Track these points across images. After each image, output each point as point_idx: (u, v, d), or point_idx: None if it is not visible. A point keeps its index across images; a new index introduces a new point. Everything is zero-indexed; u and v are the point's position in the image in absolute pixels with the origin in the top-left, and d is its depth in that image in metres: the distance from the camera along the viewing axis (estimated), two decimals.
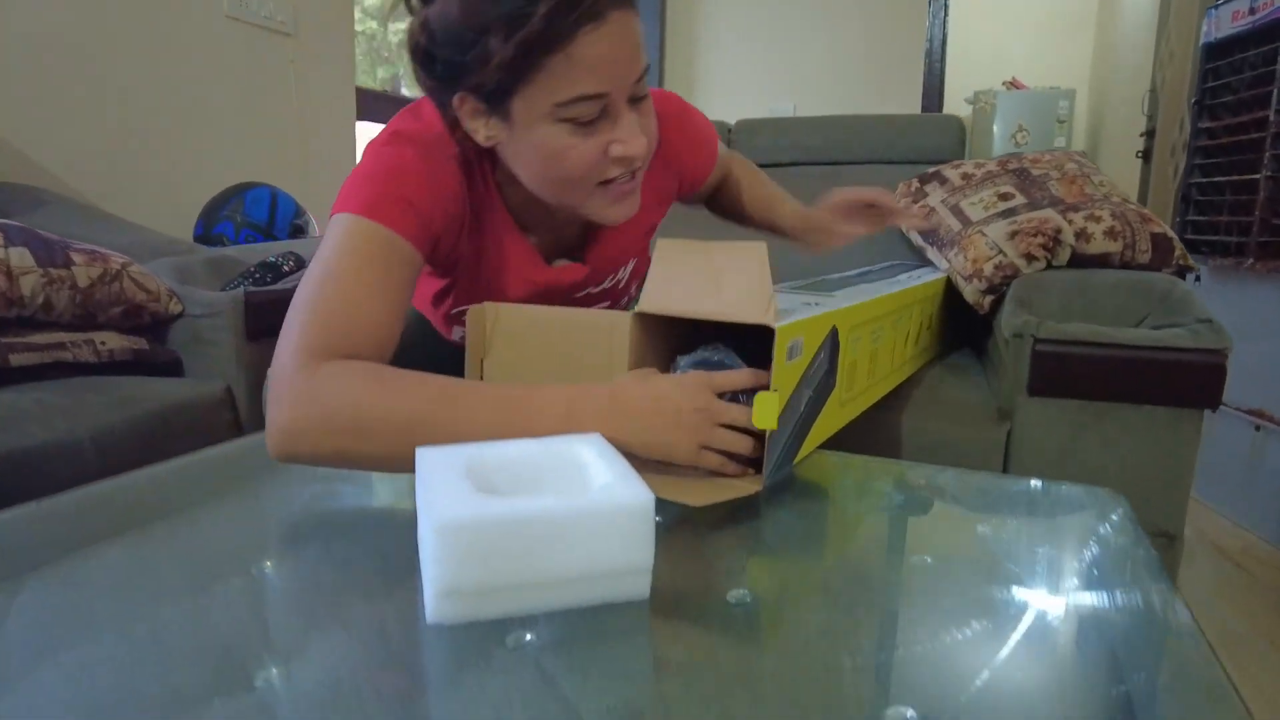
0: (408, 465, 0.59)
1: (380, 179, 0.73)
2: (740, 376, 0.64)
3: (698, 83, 3.37)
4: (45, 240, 1.14)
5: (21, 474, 0.89)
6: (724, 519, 0.60)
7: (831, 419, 0.74)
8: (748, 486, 0.62)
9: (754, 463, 0.64)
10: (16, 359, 1.08)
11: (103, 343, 1.18)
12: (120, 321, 1.21)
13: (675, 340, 0.73)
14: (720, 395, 0.64)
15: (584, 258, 0.90)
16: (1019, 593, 0.48)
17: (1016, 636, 0.43)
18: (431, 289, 0.92)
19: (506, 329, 0.74)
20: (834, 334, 0.69)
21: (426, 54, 0.69)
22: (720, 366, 0.66)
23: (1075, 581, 0.51)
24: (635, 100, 0.71)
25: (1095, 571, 0.53)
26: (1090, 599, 0.48)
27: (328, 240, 0.70)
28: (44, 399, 1.00)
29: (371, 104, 2.62)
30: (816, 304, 0.72)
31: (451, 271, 0.86)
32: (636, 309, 0.67)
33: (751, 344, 0.65)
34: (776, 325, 0.58)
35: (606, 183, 0.73)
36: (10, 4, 1.56)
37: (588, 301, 0.95)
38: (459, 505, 0.43)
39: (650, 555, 0.46)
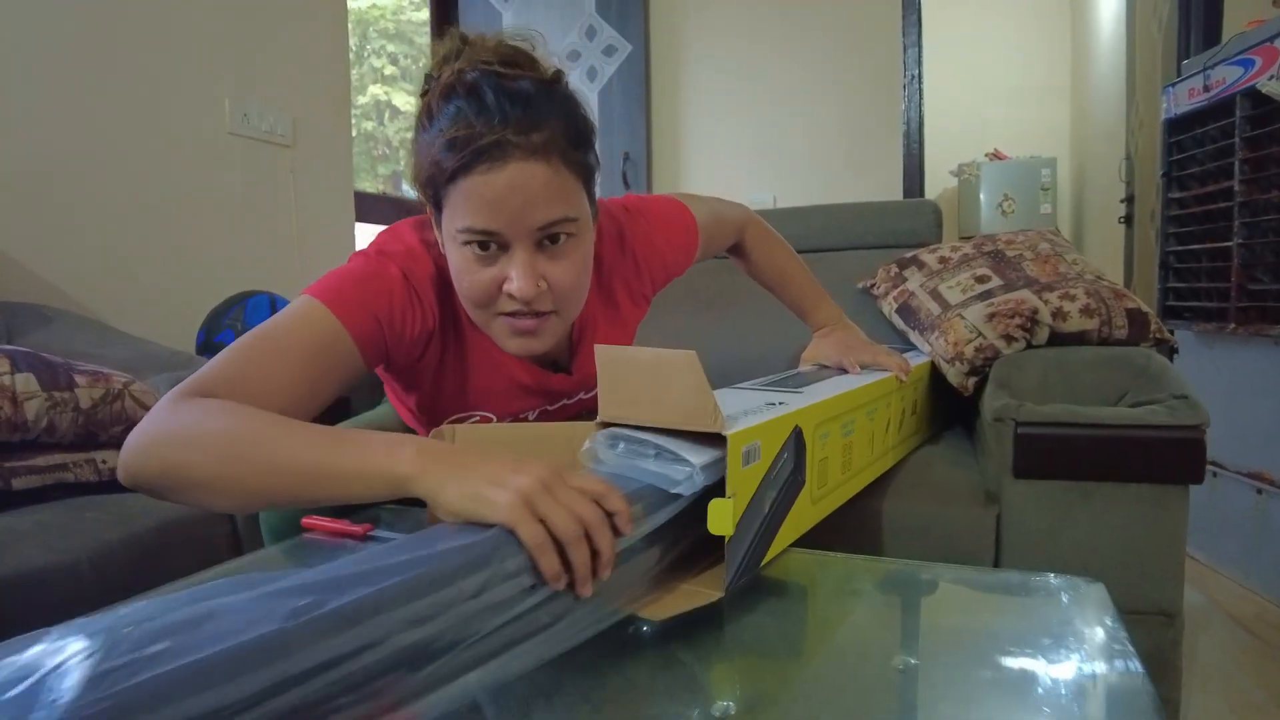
0: (232, 490, 0.60)
1: (356, 280, 0.76)
2: (592, 480, 0.56)
3: (681, 176, 3.49)
4: (49, 363, 1.17)
5: (19, 597, 0.89)
6: (703, 628, 0.60)
7: (804, 516, 0.74)
8: (709, 595, 0.60)
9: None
10: (19, 482, 1.10)
11: (104, 461, 1.20)
12: (122, 439, 1.23)
13: None
14: None
15: (570, 368, 0.93)
16: (1001, 690, 0.49)
17: None
18: (410, 401, 0.92)
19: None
20: (797, 433, 0.69)
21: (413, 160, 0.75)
22: None
23: (1049, 674, 0.51)
24: (544, 245, 0.74)
25: (1069, 664, 0.53)
26: (1064, 691, 0.49)
27: (283, 311, 0.72)
28: (42, 520, 1.01)
29: (371, 206, 2.71)
30: (781, 403, 0.72)
31: (430, 381, 0.87)
32: (599, 418, 0.66)
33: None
34: (728, 432, 0.58)
35: (510, 314, 0.76)
36: (18, 123, 1.64)
37: (582, 406, 0.96)
38: None
39: None
